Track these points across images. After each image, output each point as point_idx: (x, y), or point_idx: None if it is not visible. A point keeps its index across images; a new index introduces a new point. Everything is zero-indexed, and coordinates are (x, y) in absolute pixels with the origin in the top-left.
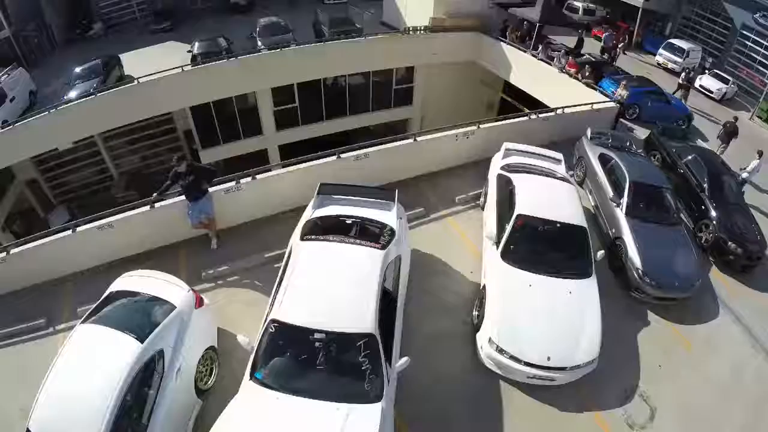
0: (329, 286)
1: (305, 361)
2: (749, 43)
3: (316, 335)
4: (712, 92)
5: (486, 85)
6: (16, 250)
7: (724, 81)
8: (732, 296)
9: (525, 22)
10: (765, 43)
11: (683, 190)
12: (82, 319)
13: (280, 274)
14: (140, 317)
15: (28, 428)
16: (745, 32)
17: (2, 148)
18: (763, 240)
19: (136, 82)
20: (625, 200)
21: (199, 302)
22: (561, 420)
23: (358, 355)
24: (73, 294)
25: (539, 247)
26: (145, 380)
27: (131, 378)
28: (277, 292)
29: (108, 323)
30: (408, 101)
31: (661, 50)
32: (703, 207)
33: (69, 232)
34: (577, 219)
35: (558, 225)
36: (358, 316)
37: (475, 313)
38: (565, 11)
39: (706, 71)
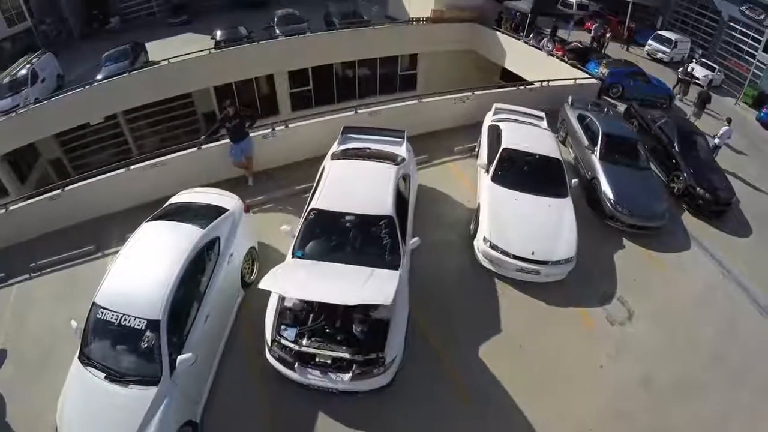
0: (356, 185)
1: (338, 238)
2: (736, 35)
3: (347, 217)
4: (698, 79)
5: (484, 71)
6: (70, 187)
7: (711, 68)
8: (703, 235)
9: (518, 13)
10: (751, 33)
11: (658, 150)
12: (146, 220)
13: (314, 187)
14: (199, 215)
15: (94, 302)
16: (732, 24)
17: (40, 121)
18: (730, 188)
19: (166, 62)
20: (598, 147)
21: (247, 209)
22: (548, 312)
23: (380, 232)
24: (122, 225)
25: (522, 173)
26: (204, 259)
27: (194, 254)
28: (312, 196)
29: (171, 219)
30: (412, 86)
31: (650, 41)
32: (674, 161)
33: (123, 170)
34: (554, 153)
35: (537, 157)
36: (380, 203)
37: (472, 226)
38: (560, 6)
39: (694, 60)
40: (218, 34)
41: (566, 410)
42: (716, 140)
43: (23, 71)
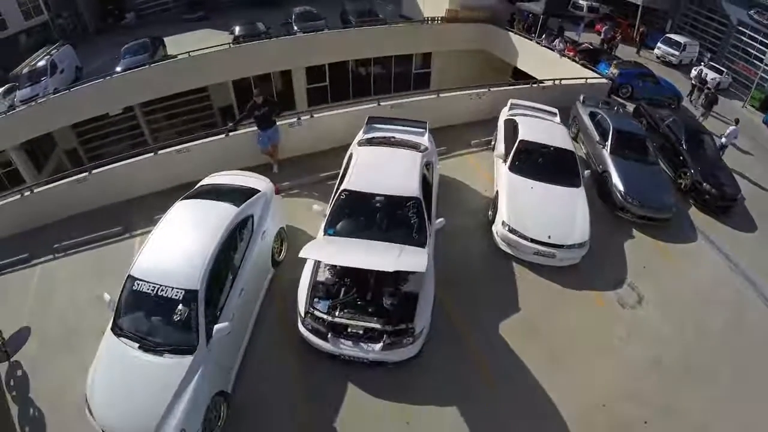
0: (384, 169)
1: (368, 218)
2: (744, 39)
3: (377, 198)
4: (706, 82)
5: (496, 70)
6: (97, 171)
7: (719, 71)
8: (710, 230)
9: (530, 15)
10: (759, 38)
11: (665, 147)
12: (180, 199)
13: (342, 171)
14: (233, 194)
15: (129, 275)
16: (740, 28)
17: (59, 111)
18: (736, 184)
19: (187, 55)
20: (609, 142)
21: (277, 191)
22: (563, 294)
23: (407, 213)
24: (149, 209)
25: (537, 163)
26: (238, 236)
27: (230, 230)
28: (342, 179)
29: (206, 198)
30: (426, 85)
31: (659, 44)
32: (681, 158)
33: (151, 154)
34: (567, 145)
35: (551, 148)
36: (408, 186)
37: (490, 213)
38: (571, 8)
39: (702, 64)
40: (237, 29)
41: (580, 388)
42: (723, 140)
43: (42, 62)
